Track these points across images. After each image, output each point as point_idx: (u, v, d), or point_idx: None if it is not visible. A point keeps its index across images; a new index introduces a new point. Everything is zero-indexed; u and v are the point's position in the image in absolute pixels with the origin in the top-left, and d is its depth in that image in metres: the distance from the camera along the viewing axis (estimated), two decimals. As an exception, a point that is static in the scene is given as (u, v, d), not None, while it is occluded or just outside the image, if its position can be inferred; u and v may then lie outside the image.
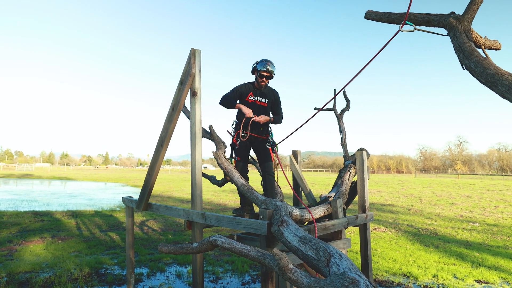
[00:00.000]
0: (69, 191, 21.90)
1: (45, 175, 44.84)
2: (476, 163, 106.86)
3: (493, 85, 2.09)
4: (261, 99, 4.60)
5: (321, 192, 20.22)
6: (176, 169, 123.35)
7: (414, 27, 2.56)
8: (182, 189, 22.43)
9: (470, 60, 2.25)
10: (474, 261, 6.25)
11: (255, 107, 4.56)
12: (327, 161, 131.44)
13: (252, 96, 4.55)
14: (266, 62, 4.47)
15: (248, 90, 4.56)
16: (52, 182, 31.85)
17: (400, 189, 25.50)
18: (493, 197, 19.09)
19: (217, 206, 13.63)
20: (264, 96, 4.62)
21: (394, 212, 12.73)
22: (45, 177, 40.69)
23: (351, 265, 2.18)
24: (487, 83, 2.13)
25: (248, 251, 2.52)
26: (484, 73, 2.15)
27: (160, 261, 6.00)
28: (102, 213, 11.62)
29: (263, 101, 4.62)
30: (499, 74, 2.09)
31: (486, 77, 2.13)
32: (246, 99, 4.54)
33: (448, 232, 9.00)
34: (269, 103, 4.67)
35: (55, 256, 6.14)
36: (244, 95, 4.54)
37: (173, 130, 4.14)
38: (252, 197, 3.61)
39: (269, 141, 4.58)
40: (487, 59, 2.23)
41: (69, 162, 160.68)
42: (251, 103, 4.56)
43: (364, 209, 4.34)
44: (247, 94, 4.54)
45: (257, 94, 4.58)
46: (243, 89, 4.56)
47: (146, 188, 4.44)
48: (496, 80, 2.08)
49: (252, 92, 4.57)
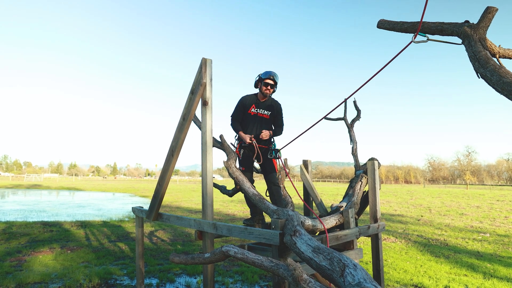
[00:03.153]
0: (77, 201, 22.01)
1: (54, 186, 45.16)
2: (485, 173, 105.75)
3: (510, 93, 2.08)
4: (263, 111, 4.64)
5: (330, 202, 20.10)
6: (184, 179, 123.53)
7: (427, 37, 2.57)
8: (191, 200, 22.42)
9: (486, 69, 2.24)
10: (486, 272, 6.14)
11: (257, 119, 4.61)
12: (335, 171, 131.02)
13: (255, 108, 4.61)
14: (269, 72, 4.56)
15: (251, 103, 4.62)
16: (60, 193, 32.05)
17: (409, 199, 25.25)
18: (503, 207, 18.82)
19: (226, 216, 13.60)
20: (267, 108, 4.66)
21: (403, 223, 12.59)
22: (54, 188, 40.98)
23: (366, 275, 2.16)
24: (504, 91, 2.12)
25: (261, 261, 2.51)
26: (500, 81, 2.14)
27: (169, 272, 5.98)
28: (111, 223, 11.65)
29: (265, 113, 4.65)
30: None
31: (503, 86, 2.12)
32: (248, 111, 4.60)
33: (458, 243, 8.87)
34: (271, 115, 4.70)
35: (64, 267, 6.15)
36: (247, 108, 4.60)
37: (184, 139, 4.17)
38: (264, 207, 3.60)
39: (271, 151, 4.60)
40: (503, 67, 2.22)
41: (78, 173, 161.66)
42: (254, 116, 4.61)
43: (376, 219, 4.31)
44: (250, 106, 4.60)
45: (260, 106, 4.63)
46: (246, 102, 4.62)
47: (157, 197, 4.46)
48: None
49: (255, 104, 4.62)
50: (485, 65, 2.26)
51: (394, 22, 2.89)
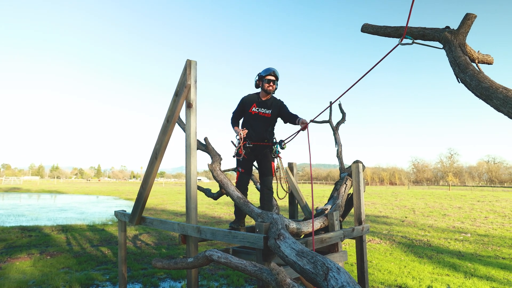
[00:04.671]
0: (59, 205, 21.57)
1: (34, 189, 44.16)
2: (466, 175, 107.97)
3: (488, 98, 2.12)
4: (264, 110, 4.53)
5: (315, 204, 20.17)
6: (170, 181, 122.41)
7: (413, 40, 2.60)
8: (176, 202, 22.22)
9: (466, 74, 2.27)
10: (467, 272, 6.25)
11: (259, 119, 4.50)
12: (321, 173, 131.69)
13: (256, 107, 4.51)
14: (269, 68, 4.46)
15: (252, 102, 4.52)
16: (41, 196, 31.35)
17: (394, 200, 25.57)
18: (483, 208, 19.24)
19: (211, 219, 13.51)
20: (268, 107, 4.55)
21: (388, 224, 12.73)
22: (34, 191, 40.04)
23: (349, 279, 2.16)
24: (482, 96, 2.16)
25: (244, 265, 2.48)
26: (479, 86, 2.17)
27: (153, 276, 5.89)
28: (94, 227, 11.44)
29: (266, 112, 4.54)
30: (494, 88, 2.11)
31: (481, 90, 2.15)
32: (249, 110, 4.50)
33: (441, 243, 9.01)
34: (273, 113, 4.57)
35: (43, 273, 5.99)
36: (247, 107, 4.51)
37: (167, 142, 4.11)
38: (248, 210, 3.58)
39: (275, 151, 4.50)
40: (482, 73, 2.26)
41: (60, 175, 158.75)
42: (254, 115, 4.50)
43: (360, 221, 4.32)
44: (251, 105, 4.51)
45: (261, 105, 4.52)
46: (247, 101, 4.53)
47: (140, 201, 4.39)
48: (491, 93, 2.11)
49: (256, 103, 4.52)
50: (465, 70, 2.29)
51: (377, 26, 2.92)
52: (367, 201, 24.30)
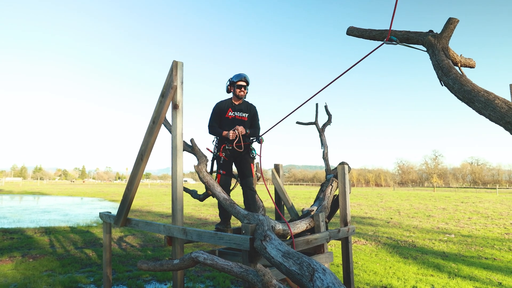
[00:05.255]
0: (42, 206, 21.17)
1: (16, 190, 43.26)
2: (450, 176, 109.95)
3: (470, 101, 2.16)
4: (240, 113, 4.67)
5: (302, 205, 20.26)
6: (155, 183, 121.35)
7: (398, 41, 2.64)
8: (162, 204, 22.04)
9: (449, 77, 2.32)
10: (451, 272, 6.35)
11: (236, 122, 4.63)
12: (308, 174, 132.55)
13: (232, 112, 4.64)
14: (240, 74, 4.62)
15: (227, 107, 4.64)
16: (24, 198, 30.73)
17: (379, 202, 25.85)
18: (467, 209, 19.60)
19: (197, 221, 13.44)
20: (243, 111, 4.70)
21: (373, 225, 12.85)
22: (16, 192, 39.19)
23: (335, 279, 2.17)
24: (465, 99, 2.20)
25: (231, 267, 2.47)
26: (461, 89, 2.22)
27: (138, 278, 5.83)
28: (78, 229, 11.26)
29: (243, 116, 4.69)
30: (476, 91, 2.16)
31: (464, 94, 2.20)
32: (226, 115, 4.62)
33: (425, 244, 9.14)
34: (248, 117, 4.74)
35: (25, 276, 5.87)
36: (223, 112, 4.63)
37: (153, 143, 4.08)
38: (234, 212, 3.57)
39: (253, 155, 4.64)
40: (464, 76, 2.31)
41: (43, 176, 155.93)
42: (232, 119, 4.63)
43: (346, 223, 4.36)
44: (227, 110, 4.63)
45: (236, 109, 4.66)
46: (222, 107, 4.65)
47: (125, 203, 4.34)
48: (473, 96, 2.15)
49: (231, 108, 4.65)
50: (448, 73, 2.33)
51: (362, 29, 2.96)
52: (352, 203, 24.52)
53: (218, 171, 4.54)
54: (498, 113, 2.02)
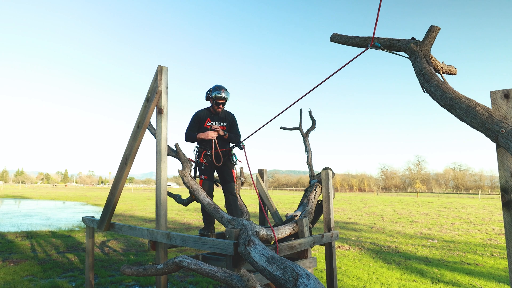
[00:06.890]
0: (23, 210, 20.71)
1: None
2: (433, 181, 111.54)
3: (452, 108, 2.21)
4: (219, 123, 4.73)
5: (286, 210, 20.32)
6: (139, 187, 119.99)
7: (381, 47, 2.70)
8: (145, 208, 21.81)
9: (431, 84, 2.38)
10: (434, 277, 6.43)
11: None
12: (292, 179, 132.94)
13: (210, 121, 4.70)
14: (220, 90, 4.59)
15: (206, 116, 4.69)
16: (4, 201, 30.01)
17: (363, 207, 26.08)
18: (450, 214, 19.93)
19: (181, 226, 13.34)
20: (222, 120, 4.76)
21: (357, 230, 12.96)
22: (-3, 196, 38.32)
23: (318, 284, 2.19)
24: (446, 106, 2.25)
25: (215, 272, 2.47)
26: (443, 96, 2.27)
27: (121, 283, 5.75)
28: (60, 233, 11.06)
29: (221, 125, 4.75)
30: (457, 98, 2.21)
31: (445, 100, 2.25)
32: (204, 125, 4.67)
33: (408, 249, 9.25)
34: (227, 126, 4.80)
35: (6, 281, 5.74)
36: (202, 122, 4.67)
37: (138, 147, 4.06)
38: (218, 217, 3.57)
39: (233, 160, 4.70)
40: (446, 83, 2.37)
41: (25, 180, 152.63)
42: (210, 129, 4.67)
43: (330, 228, 4.39)
44: (205, 120, 4.68)
45: (215, 119, 4.72)
46: (200, 116, 4.69)
47: (109, 207, 4.29)
48: (454, 103, 2.21)
49: (210, 117, 4.70)
50: (430, 80, 2.39)
51: (346, 36, 3.01)
52: (336, 208, 24.69)
53: (200, 176, 4.57)
54: (479, 120, 2.07)
